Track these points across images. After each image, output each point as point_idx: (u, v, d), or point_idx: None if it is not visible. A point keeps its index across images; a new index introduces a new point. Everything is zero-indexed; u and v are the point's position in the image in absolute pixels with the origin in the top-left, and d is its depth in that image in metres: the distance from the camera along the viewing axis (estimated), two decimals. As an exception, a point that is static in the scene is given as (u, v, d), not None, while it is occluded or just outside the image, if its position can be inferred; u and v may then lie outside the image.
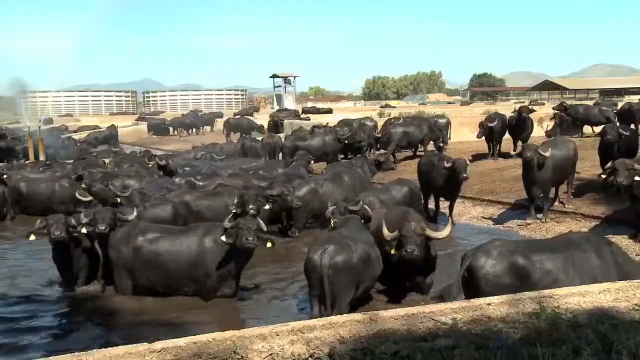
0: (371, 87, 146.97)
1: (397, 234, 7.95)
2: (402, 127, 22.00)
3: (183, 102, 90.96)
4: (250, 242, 8.17)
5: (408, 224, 7.93)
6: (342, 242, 7.60)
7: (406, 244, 7.79)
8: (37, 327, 8.11)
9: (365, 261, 7.66)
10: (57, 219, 8.88)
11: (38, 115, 55.19)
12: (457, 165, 12.60)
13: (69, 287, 9.34)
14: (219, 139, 30.13)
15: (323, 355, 4.79)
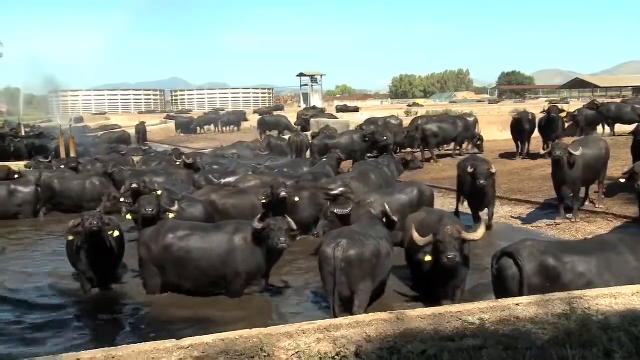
0: (398, 85, 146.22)
1: (432, 239, 7.50)
2: (436, 123, 21.91)
3: (210, 101, 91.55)
4: (282, 242, 8.21)
5: (444, 228, 7.43)
6: (354, 236, 7.77)
7: (445, 250, 7.27)
8: (67, 322, 8.25)
9: (377, 255, 7.76)
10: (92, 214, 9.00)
11: (69, 114, 56.04)
12: (477, 172, 11.99)
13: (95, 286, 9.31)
14: (244, 137, 30.29)
15: (350, 354, 4.78)
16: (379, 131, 21.56)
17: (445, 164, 21.07)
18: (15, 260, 11.54)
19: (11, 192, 15.19)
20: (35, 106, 71.58)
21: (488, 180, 11.94)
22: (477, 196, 12.46)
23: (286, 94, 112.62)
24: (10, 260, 11.50)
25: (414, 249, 7.98)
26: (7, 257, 11.67)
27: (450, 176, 18.50)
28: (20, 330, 7.92)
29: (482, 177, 11.85)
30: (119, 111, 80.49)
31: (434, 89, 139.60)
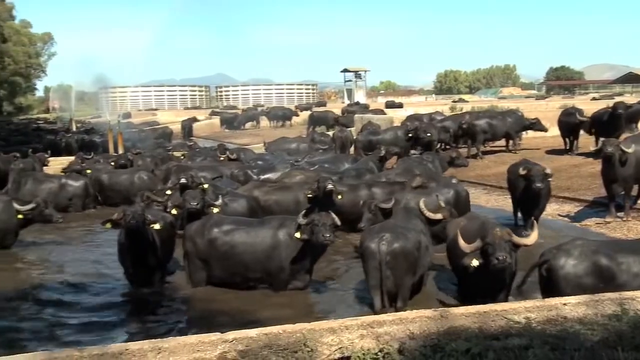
0: (443, 81, 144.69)
1: (479, 243, 7.12)
2: (485, 119, 21.61)
3: (255, 97, 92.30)
4: (326, 238, 8.22)
5: (493, 231, 7.08)
6: (396, 229, 7.85)
7: (494, 252, 6.87)
8: (115, 315, 8.44)
9: (418, 248, 7.84)
10: (134, 209, 9.13)
11: (117, 110, 57.30)
12: (532, 173, 11.26)
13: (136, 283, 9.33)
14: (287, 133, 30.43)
15: (393, 351, 4.76)
16: (423, 127, 21.40)
17: (490, 161, 20.78)
18: (64, 254, 11.80)
19: (62, 186, 15.58)
20: (86, 102, 73.53)
21: (544, 182, 11.23)
22: (531, 200, 11.65)
23: (330, 89, 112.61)
24: (60, 255, 11.77)
25: (458, 254, 7.63)
26: (56, 251, 11.93)
27: (495, 173, 18.26)
28: (71, 322, 8.13)
29: (538, 180, 11.14)
30: (165, 107, 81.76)
31: (480, 84, 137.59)
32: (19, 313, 8.48)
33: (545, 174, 11.28)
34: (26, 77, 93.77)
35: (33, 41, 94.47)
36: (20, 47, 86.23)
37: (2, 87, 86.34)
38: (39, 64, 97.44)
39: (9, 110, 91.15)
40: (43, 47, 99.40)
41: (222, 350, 4.86)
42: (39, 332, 7.72)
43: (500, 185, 16.48)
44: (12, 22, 79.88)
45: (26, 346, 7.04)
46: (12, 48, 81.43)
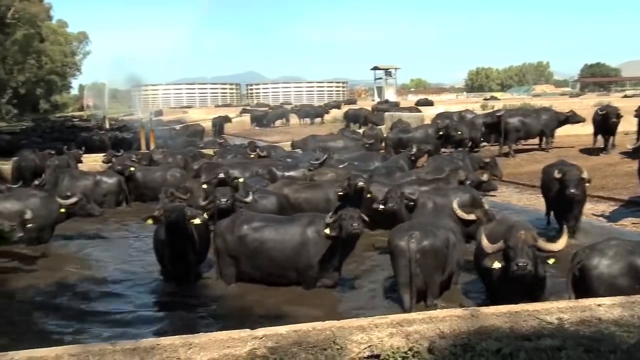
0: (474, 78, 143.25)
1: (502, 245, 6.81)
2: (519, 117, 21.32)
3: (285, 94, 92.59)
4: (355, 227, 8.20)
5: (516, 233, 6.73)
6: (425, 227, 7.85)
7: (515, 256, 6.54)
8: (146, 310, 8.56)
9: (447, 245, 7.81)
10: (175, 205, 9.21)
11: (149, 108, 58.03)
12: (567, 177, 10.61)
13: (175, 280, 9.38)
14: (317, 131, 30.43)
15: (422, 350, 4.74)
16: (453, 125, 21.22)
17: (522, 159, 20.52)
18: (97, 249, 11.99)
19: (97, 183, 15.80)
20: (119, 100, 74.64)
21: (579, 187, 10.57)
22: (565, 205, 11.01)
23: (360, 87, 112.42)
24: (93, 250, 11.95)
25: (482, 256, 7.40)
26: (90, 247, 12.11)
27: (528, 171, 18.04)
28: (104, 317, 8.25)
29: (572, 185, 10.50)
30: (197, 105, 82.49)
31: (512, 82, 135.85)
32: (53, 306, 8.64)
33: (581, 179, 10.64)
34: (62, 76, 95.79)
35: (69, 40, 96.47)
36: (56, 46, 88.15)
37: (39, 86, 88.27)
38: (74, 63, 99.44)
39: (45, 108, 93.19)
40: (78, 46, 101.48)
41: (251, 347, 4.89)
42: (73, 326, 7.86)
43: (533, 184, 16.27)
44: (50, 22, 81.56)
45: (60, 339, 7.16)
46: (49, 47, 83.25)
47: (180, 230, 8.89)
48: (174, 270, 9.21)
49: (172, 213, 8.79)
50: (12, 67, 74.64)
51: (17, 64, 74.84)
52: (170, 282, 9.31)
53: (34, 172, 18.19)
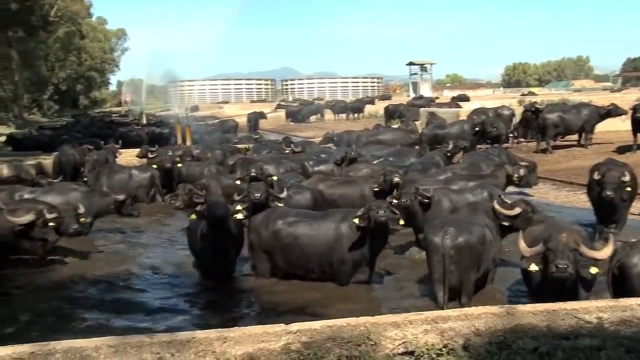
0: (511, 74, 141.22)
1: (542, 248, 6.52)
2: (558, 112, 20.95)
3: (320, 90, 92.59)
4: (381, 215, 8.20)
5: (558, 235, 6.42)
6: (460, 224, 7.77)
7: (554, 259, 6.24)
8: (182, 304, 8.67)
9: (482, 241, 7.72)
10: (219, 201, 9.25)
11: (186, 103, 58.71)
12: (605, 180, 10.16)
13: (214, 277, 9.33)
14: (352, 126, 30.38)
15: (457, 347, 4.71)
16: (490, 121, 20.96)
17: (560, 156, 20.17)
18: (132, 244, 12.13)
19: (130, 176, 15.97)
20: (155, 96, 75.72)
21: (617, 191, 10.05)
22: (604, 208, 10.61)
23: (395, 82, 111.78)
24: (127, 243, 12.12)
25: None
26: (123, 241, 12.27)
27: (565, 168, 17.74)
28: (140, 310, 8.39)
29: (609, 187, 10.06)
30: (232, 100, 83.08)
31: (550, 77, 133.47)
32: (91, 299, 8.81)
33: (622, 182, 10.10)
34: (101, 72, 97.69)
35: (108, 37, 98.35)
36: (96, 43, 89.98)
37: (79, 82, 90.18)
38: (112, 59, 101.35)
39: (85, 104, 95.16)
40: (117, 42, 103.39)
41: (286, 342, 4.92)
42: (110, 318, 8.00)
43: (571, 180, 16.02)
44: (90, 20, 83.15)
45: (98, 330, 7.29)
46: (89, 44, 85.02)
47: (224, 226, 8.89)
48: (215, 266, 9.18)
49: (217, 208, 8.79)
50: (54, 64, 76.45)
51: (58, 60, 76.63)
52: (208, 278, 9.32)
53: (74, 167, 18.57)
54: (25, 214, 8.98)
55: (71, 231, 10.08)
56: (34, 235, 9.07)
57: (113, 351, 4.86)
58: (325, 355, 4.74)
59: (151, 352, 4.87)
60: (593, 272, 6.39)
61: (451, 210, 10.04)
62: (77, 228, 10.11)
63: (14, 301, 8.71)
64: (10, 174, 19.40)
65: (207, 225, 8.91)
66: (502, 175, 12.04)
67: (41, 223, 9.06)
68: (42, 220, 9.08)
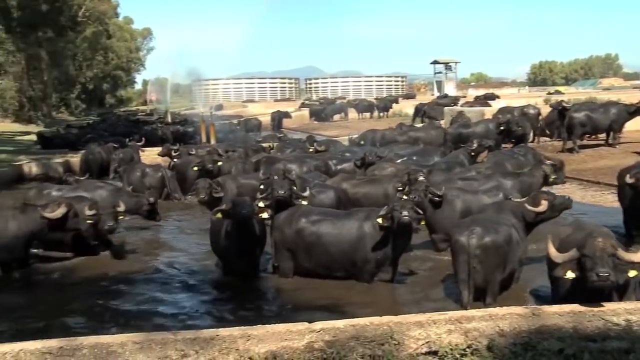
0: (537, 72, 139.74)
1: (575, 254, 6.09)
2: (585, 111, 20.64)
3: (343, 89, 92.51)
4: (404, 216, 8.15)
5: (593, 240, 6.03)
6: (487, 224, 7.69)
7: (594, 266, 5.81)
8: (205, 301, 8.72)
9: (509, 242, 7.63)
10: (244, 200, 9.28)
11: (210, 102, 59.07)
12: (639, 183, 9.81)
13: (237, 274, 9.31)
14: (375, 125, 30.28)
15: (482, 347, 4.68)
16: (515, 120, 20.73)
17: (587, 155, 19.87)
18: (153, 241, 12.20)
19: (144, 174, 16.00)
20: (180, 95, 76.31)
21: None
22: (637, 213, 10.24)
23: (419, 81, 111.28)
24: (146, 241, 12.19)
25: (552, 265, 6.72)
26: (144, 239, 12.33)
27: (592, 168, 17.49)
28: (164, 310, 8.42)
29: None
30: (256, 99, 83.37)
31: (577, 75, 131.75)
32: (115, 295, 8.90)
33: None
34: (127, 71, 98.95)
35: (134, 36, 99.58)
36: (122, 42, 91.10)
37: (106, 81, 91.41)
38: (138, 58, 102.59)
39: (111, 103, 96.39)
40: (143, 42, 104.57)
41: (309, 340, 4.93)
42: (134, 315, 8.09)
43: (598, 180, 15.79)
44: (117, 19, 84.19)
45: (125, 326, 7.38)
46: (115, 44, 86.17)
47: (248, 225, 8.89)
48: (239, 265, 9.18)
49: (242, 207, 8.78)
50: (82, 64, 77.55)
51: (86, 60, 77.72)
52: (232, 276, 9.31)
53: (101, 164, 18.83)
54: (58, 207, 9.19)
55: (106, 227, 10.16)
56: (68, 227, 9.34)
57: (138, 347, 4.92)
58: (348, 354, 4.74)
59: (175, 348, 4.92)
60: (632, 275, 5.99)
61: (464, 211, 9.96)
62: (112, 225, 10.18)
63: (42, 296, 8.86)
64: (38, 172, 19.84)
65: (231, 224, 8.92)
66: (539, 173, 11.89)
67: (73, 214, 9.28)
68: (74, 211, 9.30)
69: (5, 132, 38.95)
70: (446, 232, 9.82)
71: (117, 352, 4.89)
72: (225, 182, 12.75)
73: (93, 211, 9.78)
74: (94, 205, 9.94)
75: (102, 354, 4.87)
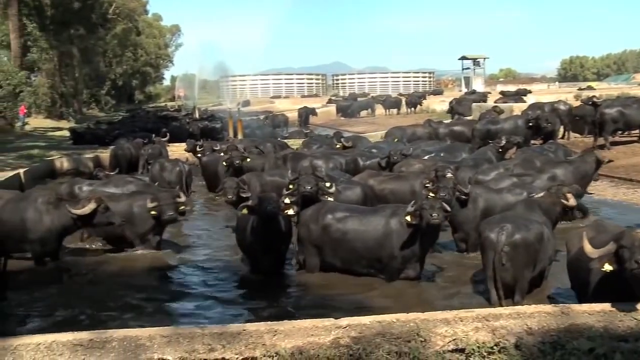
0: (567, 67, 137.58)
1: (613, 246, 5.91)
2: (617, 107, 20.27)
3: (371, 85, 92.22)
4: (435, 218, 8.09)
5: (631, 232, 5.94)
6: (517, 220, 7.59)
7: (632, 255, 5.63)
8: (231, 297, 8.75)
9: (540, 240, 7.50)
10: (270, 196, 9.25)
11: (237, 98, 59.37)
12: None
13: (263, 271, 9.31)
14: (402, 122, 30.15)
15: (509, 346, 4.64)
16: (544, 116, 20.45)
17: (619, 152, 19.52)
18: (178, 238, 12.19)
19: (162, 168, 16.01)
20: (208, 90, 76.82)
21: None
22: None
23: (447, 77, 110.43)
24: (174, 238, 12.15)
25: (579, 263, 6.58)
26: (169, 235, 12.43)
27: (625, 165, 17.18)
28: (191, 301, 8.53)
29: None
30: (283, 95, 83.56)
31: (609, 71, 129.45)
32: (143, 289, 8.97)
33: None
34: (155, 67, 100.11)
35: (163, 33, 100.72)
36: (151, 39, 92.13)
37: (135, 77, 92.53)
38: (167, 55, 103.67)
39: (140, 99, 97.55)
40: (171, 38, 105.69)
41: (335, 336, 4.94)
42: (161, 309, 8.19)
43: (630, 177, 15.53)
44: (146, 16, 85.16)
45: (150, 321, 7.46)
46: (144, 40, 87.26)
47: (275, 222, 8.90)
48: (265, 261, 9.17)
49: (268, 203, 8.77)
50: (111, 60, 78.63)
51: (115, 56, 78.81)
52: (257, 272, 9.33)
53: (130, 160, 19.06)
54: (88, 203, 9.33)
55: (166, 217, 10.18)
56: (98, 221, 9.42)
57: (166, 341, 4.98)
58: (374, 350, 4.74)
59: (202, 343, 4.97)
60: None
61: (485, 210, 9.83)
62: (171, 215, 10.14)
63: (74, 288, 9.03)
64: (69, 167, 20.18)
65: (257, 221, 8.93)
66: (591, 159, 11.69)
67: (103, 209, 9.38)
68: (104, 206, 9.40)
69: (38, 127, 39.67)
70: (467, 232, 9.78)
71: (145, 345, 4.96)
72: (250, 180, 12.76)
73: (155, 203, 9.88)
74: (155, 198, 10.03)
75: (130, 347, 4.94)
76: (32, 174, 18.05)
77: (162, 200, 10.19)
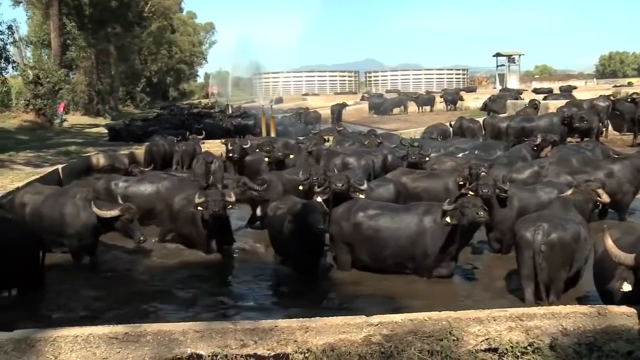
0: (606, 64, 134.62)
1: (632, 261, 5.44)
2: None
3: (403, 82, 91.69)
4: (480, 216, 8.05)
5: None
6: (554, 220, 7.45)
7: None
8: (264, 294, 8.82)
9: (577, 240, 7.35)
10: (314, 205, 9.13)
11: (270, 95, 59.63)
12: None
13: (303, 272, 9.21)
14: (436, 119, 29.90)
15: (543, 346, 4.58)
16: (579, 114, 20.06)
17: (659, 151, 19.04)
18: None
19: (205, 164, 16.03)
20: (241, 88, 77.33)
21: None
22: None
23: (481, 74, 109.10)
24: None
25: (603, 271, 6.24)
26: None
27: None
28: (223, 298, 8.63)
29: None
30: (316, 92, 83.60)
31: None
32: (178, 284, 9.09)
33: None
34: (190, 65, 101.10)
35: (197, 31, 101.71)
36: (186, 37, 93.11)
37: (169, 75, 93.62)
38: (201, 52, 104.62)
39: (174, 96, 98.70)
40: (205, 36, 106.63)
41: (367, 333, 4.94)
42: (196, 304, 8.27)
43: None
44: (180, 14, 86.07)
45: (183, 316, 7.55)
46: (179, 38, 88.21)
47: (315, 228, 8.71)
48: (305, 261, 9.04)
49: (312, 210, 8.71)
50: (147, 58, 79.65)
51: (150, 54, 79.80)
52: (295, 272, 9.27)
53: (164, 156, 19.29)
54: (112, 209, 9.36)
55: (211, 213, 9.85)
56: (119, 227, 9.41)
57: (199, 336, 5.03)
58: (406, 348, 4.72)
59: (235, 338, 5.01)
60: None
61: (520, 209, 9.67)
62: (217, 211, 9.80)
63: (110, 282, 9.20)
64: (105, 164, 20.57)
65: (299, 227, 8.71)
66: None
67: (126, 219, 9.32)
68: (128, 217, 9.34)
69: (76, 124, 40.47)
70: (504, 231, 9.64)
71: (178, 339, 5.03)
72: (270, 179, 12.62)
73: (202, 199, 9.78)
74: (202, 194, 9.97)
75: (164, 341, 5.02)
76: (69, 170, 18.49)
77: (210, 195, 10.00)
